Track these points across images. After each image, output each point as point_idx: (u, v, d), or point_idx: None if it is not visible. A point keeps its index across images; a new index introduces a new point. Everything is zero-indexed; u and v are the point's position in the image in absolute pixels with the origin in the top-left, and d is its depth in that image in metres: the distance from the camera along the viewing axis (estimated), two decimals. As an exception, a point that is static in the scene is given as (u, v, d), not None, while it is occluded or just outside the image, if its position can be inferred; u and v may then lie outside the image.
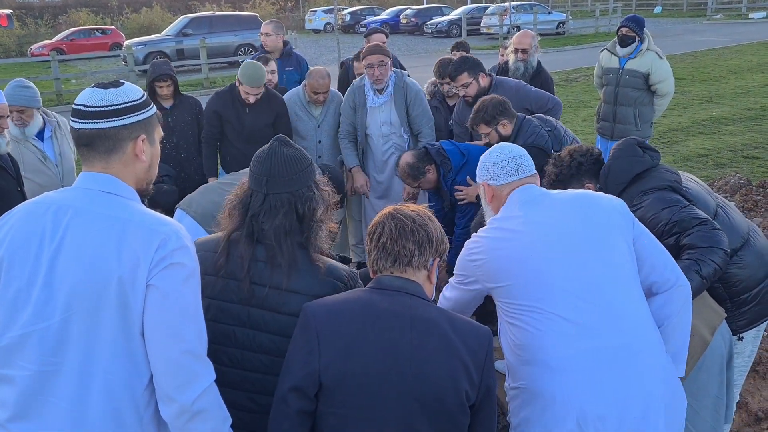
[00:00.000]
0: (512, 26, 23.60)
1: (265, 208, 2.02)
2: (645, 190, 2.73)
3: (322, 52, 26.32)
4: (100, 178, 1.73)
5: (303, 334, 1.83)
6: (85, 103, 1.73)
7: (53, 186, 3.99)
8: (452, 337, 1.82)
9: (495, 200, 2.40)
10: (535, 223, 2.19)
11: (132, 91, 1.78)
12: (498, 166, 2.36)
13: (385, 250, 1.89)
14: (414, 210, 1.95)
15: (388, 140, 4.82)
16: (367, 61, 4.60)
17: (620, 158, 2.87)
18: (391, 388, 1.76)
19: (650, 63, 5.75)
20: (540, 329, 2.06)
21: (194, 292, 1.71)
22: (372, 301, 1.85)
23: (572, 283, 2.08)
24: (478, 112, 3.86)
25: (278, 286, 2.00)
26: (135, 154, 1.77)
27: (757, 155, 8.53)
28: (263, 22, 6.35)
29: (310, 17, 39.72)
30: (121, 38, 28.45)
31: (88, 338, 1.63)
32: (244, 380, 2.05)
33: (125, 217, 1.67)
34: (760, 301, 2.78)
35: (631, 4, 42.94)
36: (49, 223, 1.67)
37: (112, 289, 1.62)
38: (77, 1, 44.21)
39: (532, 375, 2.07)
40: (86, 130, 1.71)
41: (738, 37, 24.08)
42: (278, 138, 2.12)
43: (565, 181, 2.88)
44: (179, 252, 1.66)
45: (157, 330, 1.65)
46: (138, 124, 1.76)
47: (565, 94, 13.87)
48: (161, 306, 1.64)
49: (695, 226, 2.52)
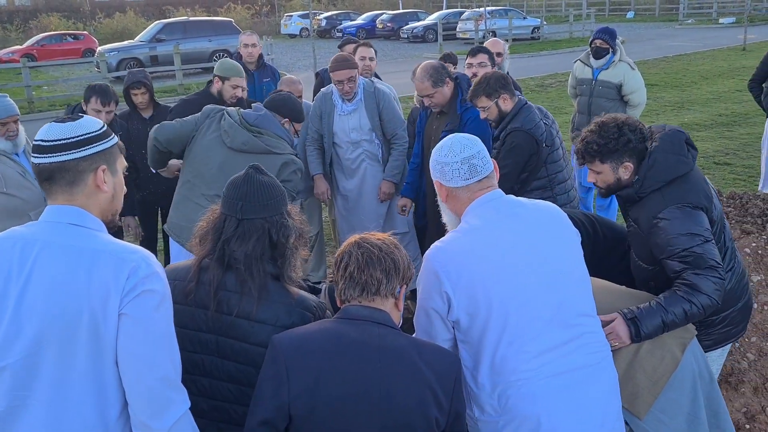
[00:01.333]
0: (488, 31, 23.78)
1: (238, 233, 2.02)
2: (684, 203, 2.55)
3: (298, 58, 26.25)
4: (66, 210, 1.74)
5: (272, 366, 1.82)
6: (43, 138, 1.74)
7: (38, 200, 3.92)
8: (420, 365, 1.84)
9: (451, 200, 2.30)
10: (505, 243, 2.16)
11: (90, 124, 1.79)
12: (450, 168, 2.24)
13: (352, 280, 1.90)
14: (380, 239, 1.97)
15: (359, 147, 4.80)
16: (336, 77, 4.58)
17: (668, 153, 2.63)
18: (361, 419, 1.78)
19: (623, 74, 5.85)
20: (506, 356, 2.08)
21: (166, 318, 1.72)
22: (340, 332, 1.85)
23: (540, 309, 2.11)
24: (480, 84, 3.81)
25: (247, 315, 1.98)
26: (96, 185, 1.77)
27: (728, 161, 8.67)
28: (244, 33, 6.22)
29: (286, 22, 39.59)
30: (93, 44, 28.08)
31: (60, 370, 1.64)
32: (213, 409, 2.03)
33: (94, 248, 1.68)
34: (728, 323, 2.79)
35: (605, 10, 43.51)
36: (16, 258, 1.67)
37: (83, 320, 1.62)
38: (48, 6, 43.64)
39: (509, 401, 2.10)
40: (46, 164, 1.72)
41: (709, 42, 24.51)
42: (253, 165, 2.12)
43: (606, 154, 2.65)
44: (150, 279, 1.67)
45: (131, 358, 1.66)
46: (97, 155, 1.77)
47: (541, 100, 13.98)
48: (134, 334, 1.65)
49: (706, 268, 2.45)
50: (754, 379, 3.64)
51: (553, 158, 3.92)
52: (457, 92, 4.30)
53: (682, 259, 2.47)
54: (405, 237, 4.89)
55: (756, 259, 4.29)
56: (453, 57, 5.94)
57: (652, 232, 2.57)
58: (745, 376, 3.65)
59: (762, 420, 3.43)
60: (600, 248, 2.86)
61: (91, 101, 4.52)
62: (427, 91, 4.23)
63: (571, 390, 2.08)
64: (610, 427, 2.15)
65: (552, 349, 2.09)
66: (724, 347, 2.90)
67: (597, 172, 2.72)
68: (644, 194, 2.63)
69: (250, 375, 1.97)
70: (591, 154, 2.68)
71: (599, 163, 2.68)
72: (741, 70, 16.76)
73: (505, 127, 3.85)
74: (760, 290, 4.16)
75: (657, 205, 2.57)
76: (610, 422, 2.15)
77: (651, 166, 2.61)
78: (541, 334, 2.09)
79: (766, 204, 4.75)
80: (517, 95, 3.94)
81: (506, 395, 2.08)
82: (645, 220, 2.61)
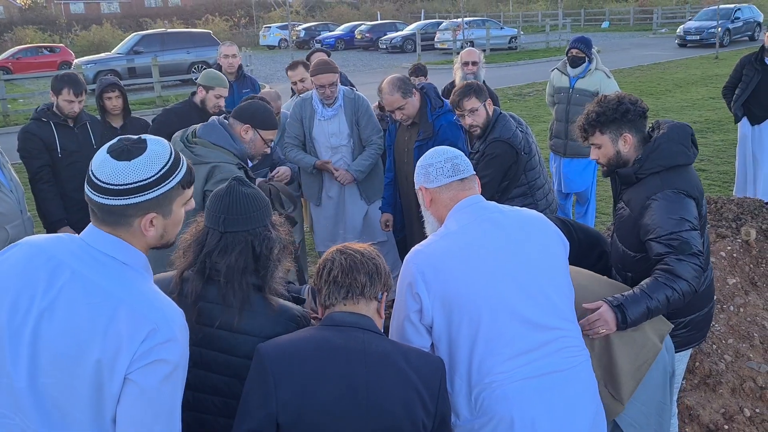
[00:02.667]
0: (465, 41, 23.96)
1: (220, 246, 2.00)
2: (680, 190, 2.63)
3: (277, 69, 26.24)
4: (108, 239, 1.63)
5: (258, 376, 1.82)
6: (94, 171, 1.63)
7: (13, 213, 3.88)
8: (406, 369, 1.86)
9: (434, 204, 2.35)
10: (482, 247, 2.18)
11: (146, 168, 1.63)
12: (434, 168, 2.32)
13: (336, 284, 1.92)
14: (361, 246, 2.02)
15: (337, 152, 4.81)
16: (319, 81, 4.60)
17: (673, 141, 2.71)
18: (349, 424, 1.78)
19: (599, 82, 5.96)
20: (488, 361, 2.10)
21: (174, 389, 1.60)
22: (326, 339, 1.86)
23: (515, 312, 2.12)
24: (468, 86, 3.83)
25: (229, 327, 1.97)
26: (142, 231, 1.66)
27: (703, 167, 8.81)
28: (223, 44, 6.21)
29: (265, 33, 39.57)
30: (70, 56, 27.84)
31: (60, 409, 1.56)
32: (195, 422, 2.01)
33: (120, 296, 1.57)
34: (692, 328, 2.86)
35: (580, 20, 44.08)
36: (43, 280, 1.57)
37: (89, 368, 1.53)
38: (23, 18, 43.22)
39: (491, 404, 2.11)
40: (91, 198, 1.63)
41: (682, 51, 24.93)
42: (236, 177, 2.12)
43: (605, 124, 2.73)
44: (166, 346, 1.55)
45: (129, 425, 1.56)
46: (148, 202, 1.63)
47: (519, 109, 14.12)
48: (136, 403, 1.55)
49: (689, 254, 2.52)
50: (731, 380, 3.70)
51: (531, 165, 3.97)
52: (425, 101, 4.34)
53: (668, 242, 2.54)
54: (384, 246, 4.92)
55: (731, 263, 4.38)
56: (423, 69, 6.01)
57: (642, 213, 2.64)
58: (722, 377, 3.71)
59: (740, 420, 3.48)
60: (574, 252, 2.91)
61: (63, 92, 4.48)
62: (398, 103, 4.25)
63: (547, 392, 2.09)
64: (587, 430, 2.16)
65: (528, 352, 2.10)
66: (687, 351, 2.97)
67: (598, 146, 2.81)
68: (643, 176, 2.70)
69: (235, 387, 1.96)
70: (591, 125, 2.77)
71: (599, 134, 2.77)
72: (714, 78, 17.07)
73: (484, 139, 3.89)
74: (736, 293, 4.24)
75: (653, 187, 2.65)
76: (586, 425, 2.15)
77: (654, 150, 2.70)
78: (517, 336, 2.10)
79: (740, 208, 4.85)
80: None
81: (481, 398, 2.10)
82: (638, 200, 2.68)
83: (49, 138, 4.49)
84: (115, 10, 60.25)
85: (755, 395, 3.65)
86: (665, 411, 2.70)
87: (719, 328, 4.00)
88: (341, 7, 53.95)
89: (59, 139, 4.51)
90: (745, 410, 3.54)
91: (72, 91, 4.49)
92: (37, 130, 4.49)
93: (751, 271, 4.40)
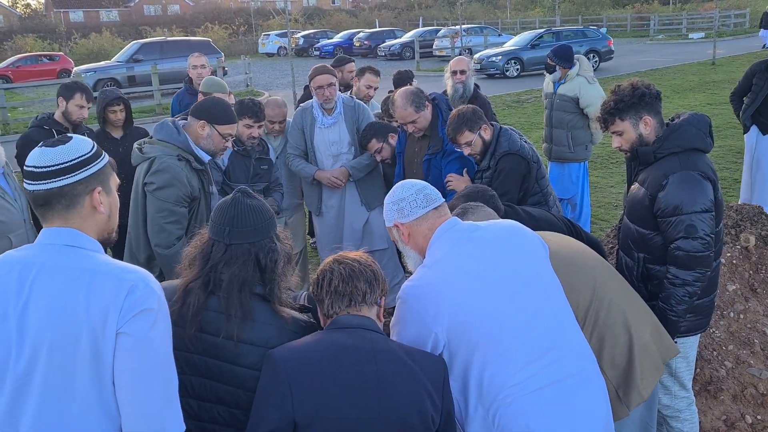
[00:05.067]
0: (464, 48, 24.02)
1: (226, 258, 2.01)
2: (698, 171, 2.72)
3: (276, 76, 26.30)
4: (62, 232, 1.74)
5: (272, 379, 1.85)
6: (35, 164, 1.74)
7: (17, 222, 3.89)
8: (413, 366, 1.92)
9: (413, 238, 2.33)
10: (471, 268, 2.18)
11: (81, 146, 1.78)
12: (407, 202, 2.30)
13: (338, 293, 1.98)
14: (357, 255, 2.08)
15: (338, 160, 4.82)
16: (317, 83, 4.63)
17: (693, 126, 2.81)
18: (362, 420, 1.84)
19: (578, 87, 6.06)
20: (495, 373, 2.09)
21: (163, 336, 1.72)
22: (335, 340, 1.92)
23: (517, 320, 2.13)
24: (460, 119, 3.77)
25: (231, 337, 1.97)
26: (93, 207, 1.78)
27: (701, 173, 8.82)
28: (192, 55, 6.18)
29: (264, 41, 39.72)
30: (69, 65, 27.92)
31: (59, 392, 1.64)
32: (201, 431, 2.02)
33: (91, 268, 1.68)
34: (698, 314, 2.93)
35: (578, 26, 44.22)
36: (14, 282, 1.67)
37: (83, 340, 1.63)
38: (23, 27, 43.33)
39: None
40: (41, 191, 1.73)
41: (679, 57, 25.02)
42: (241, 189, 2.12)
43: (623, 110, 2.83)
44: (147, 296, 1.68)
45: (127, 377, 1.66)
46: (92, 177, 1.77)
47: (517, 116, 14.17)
48: (131, 353, 1.65)
49: (698, 238, 2.67)
50: (732, 387, 3.71)
51: (541, 173, 3.99)
52: (436, 113, 4.34)
53: (678, 221, 2.68)
54: (385, 254, 4.93)
55: (731, 269, 4.39)
56: (409, 73, 6.09)
57: (658, 190, 2.73)
58: (723, 384, 3.72)
59: (741, 427, 3.49)
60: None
61: (76, 97, 4.55)
62: (411, 117, 4.24)
63: (561, 401, 2.08)
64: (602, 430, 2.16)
65: (536, 360, 2.09)
66: (695, 337, 3.04)
67: (619, 134, 2.90)
68: (662, 155, 2.80)
69: (239, 397, 1.97)
70: (611, 113, 2.87)
71: (619, 122, 2.87)
72: (711, 84, 17.13)
73: (492, 155, 3.88)
74: (736, 299, 4.26)
75: (672, 166, 2.75)
76: (601, 427, 2.16)
77: (674, 130, 2.81)
78: (523, 345, 2.10)
79: (739, 215, 4.86)
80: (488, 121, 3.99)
81: (498, 415, 2.07)
82: (655, 178, 2.78)
83: None
84: (115, 18, 60.46)
85: (756, 402, 3.66)
86: (651, 419, 2.80)
87: (719, 334, 4.01)
88: (340, 15, 54.20)
89: None
90: (747, 417, 3.55)
91: (85, 97, 4.56)
92: (39, 137, 4.50)
93: (751, 277, 4.41)
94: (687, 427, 3.06)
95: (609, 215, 7.40)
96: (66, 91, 4.59)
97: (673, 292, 2.75)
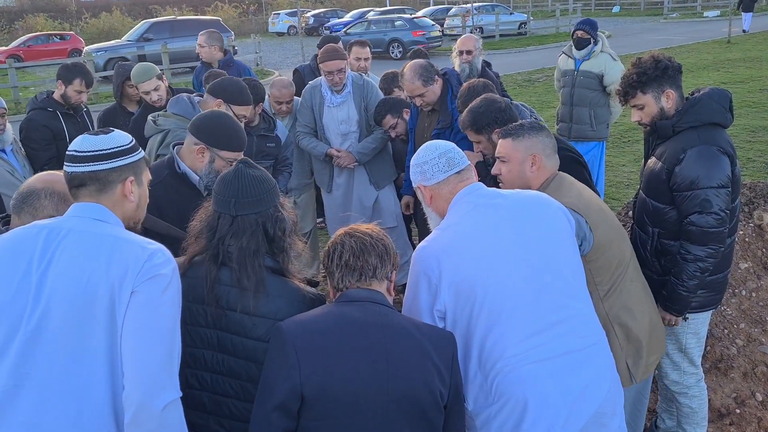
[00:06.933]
0: (475, 27, 23.80)
1: (233, 230, 2.01)
2: (716, 146, 2.70)
3: (286, 56, 26.20)
4: (91, 206, 1.87)
5: (280, 351, 1.85)
6: (77, 149, 1.89)
7: None
8: (422, 340, 1.91)
9: (435, 201, 2.35)
10: (486, 232, 2.18)
11: (120, 138, 1.95)
12: (429, 165, 2.31)
13: (348, 267, 1.97)
14: (368, 228, 2.06)
15: (347, 139, 4.80)
16: (327, 68, 4.59)
17: (713, 101, 2.79)
18: (370, 394, 1.83)
19: (604, 64, 5.93)
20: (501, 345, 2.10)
21: (172, 302, 1.80)
22: (344, 313, 1.91)
23: (524, 293, 2.12)
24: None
25: (245, 310, 1.98)
26: (124, 195, 1.93)
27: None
28: (202, 33, 6.18)
29: (273, 20, 39.49)
30: (80, 44, 27.90)
31: (69, 353, 1.70)
32: (213, 404, 2.04)
33: (116, 235, 1.81)
34: (711, 290, 2.92)
35: (591, 4, 43.65)
36: (41, 243, 1.77)
37: (102, 298, 1.71)
38: (34, 6, 43.30)
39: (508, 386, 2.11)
40: (78, 173, 1.87)
41: (694, 35, 24.68)
42: (243, 160, 2.12)
43: (645, 83, 2.80)
44: (164, 265, 1.79)
45: (133, 333, 1.72)
46: (126, 167, 1.93)
47: (528, 95, 14.05)
48: (141, 310, 1.73)
49: (713, 213, 2.66)
50: (743, 365, 3.71)
51: None
52: (446, 88, 4.29)
53: (693, 195, 2.66)
54: (394, 231, 4.92)
55: (743, 247, 4.36)
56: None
57: (676, 163, 2.71)
58: (734, 361, 3.72)
59: (752, 404, 3.49)
60: None
61: (75, 83, 4.53)
62: (419, 90, 4.20)
63: (560, 375, 2.09)
64: (603, 411, 2.15)
65: (539, 333, 2.10)
66: (707, 313, 3.03)
67: (640, 107, 2.86)
68: (681, 129, 2.77)
69: (250, 370, 1.98)
70: (632, 86, 2.83)
71: (641, 95, 2.83)
72: (726, 63, 16.89)
73: None
74: (748, 277, 4.24)
75: (690, 140, 2.73)
76: (601, 406, 2.14)
77: (694, 104, 2.78)
78: (527, 317, 2.10)
79: (753, 192, 4.82)
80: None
81: (495, 382, 2.10)
82: (673, 151, 2.75)
83: (58, 127, 4.53)
84: (124, -3, 60.12)
85: (767, 379, 3.66)
86: (642, 403, 2.91)
87: (731, 312, 4.00)
88: (350, -7, 53.64)
89: (67, 128, 4.55)
90: (757, 394, 3.55)
91: (84, 83, 4.53)
92: (45, 119, 4.51)
93: (764, 255, 4.38)
94: (696, 404, 3.07)
95: (620, 194, 7.35)
96: (66, 75, 4.57)
97: (684, 267, 2.74)
